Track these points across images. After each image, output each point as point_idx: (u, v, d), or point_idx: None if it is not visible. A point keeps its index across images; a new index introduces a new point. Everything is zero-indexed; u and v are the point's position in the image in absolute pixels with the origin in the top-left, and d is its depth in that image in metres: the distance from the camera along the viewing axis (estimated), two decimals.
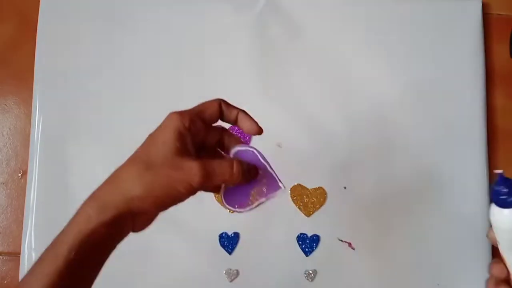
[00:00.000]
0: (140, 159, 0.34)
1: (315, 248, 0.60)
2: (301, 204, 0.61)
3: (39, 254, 0.58)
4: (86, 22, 0.64)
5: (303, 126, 0.63)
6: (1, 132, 0.63)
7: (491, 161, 0.63)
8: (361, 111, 0.63)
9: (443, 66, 0.64)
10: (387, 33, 0.65)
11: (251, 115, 0.38)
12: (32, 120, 0.61)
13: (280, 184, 0.38)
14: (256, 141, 0.62)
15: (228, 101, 0.38)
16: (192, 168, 0.33)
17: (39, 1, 0.63)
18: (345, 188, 0.62)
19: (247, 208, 0.38)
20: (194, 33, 0.64)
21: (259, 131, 0.38)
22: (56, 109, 0.62)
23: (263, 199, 0.38)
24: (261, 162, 0.38)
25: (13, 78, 0.64)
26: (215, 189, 0.38)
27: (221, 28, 0.64)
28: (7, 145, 0.63)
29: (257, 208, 0.39)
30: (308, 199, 0.61)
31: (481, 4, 0.65)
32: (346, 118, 0.63)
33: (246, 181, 0.37)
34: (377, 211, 0.61)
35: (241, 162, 0.36)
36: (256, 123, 0.38)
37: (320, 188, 0.61)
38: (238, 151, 0.38)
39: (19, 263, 0.59)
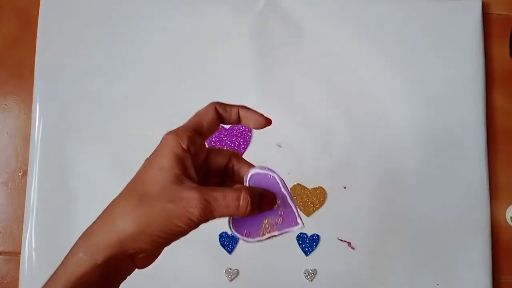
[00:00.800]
0: (135, 190, 0.30)
1: (315, 247, 0.60)
2: (301, 204, 0.61)
3: (39, 254, 0.58)
4: (86, 22, 0.64)
5: (303, 126, 0.63)
6: (1, 132, 0.63)
7: (491, 161, 0.63)
8: (361, 111, 0.63)
9: (443, 66, 0.64)
10: (387, 33, 0.65)
11: (252, 107, 0.34)
12: (32, 120, 0.61)
13: (299, 220, 0.33)
14: (257, 141, 0.62)
15: (223, 102, 0.33)
16: (191, 200, 0.29)
17: (39, 1, 0.63)
18: (345, 188, 0.62)
19: (256, 239, 0.33)
20: (194, 33, 0.64)
21: (268, 122, 0.33)
22: (56, 109, 0.62)
23: (275, 233, 0.33)
24: (281, 190, 0.33)
25: (13, 78, 0.64)
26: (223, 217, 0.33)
27: (221, 28, 0.64)
28: (7, 145, 0.63)
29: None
30: (308, 199, 0.61)
31: (481, 4, 0.65)
32: (346, 118, 0.63)
33: (256, 212, 0.32)
34: (376, 210, 0.61)
35: (251, 192, 0.31)
36: (261, 114, 0.33)
37: (320, 188, 0.61)
38: (256, 173, 0.33)
39: (19, 263, 0.59)
